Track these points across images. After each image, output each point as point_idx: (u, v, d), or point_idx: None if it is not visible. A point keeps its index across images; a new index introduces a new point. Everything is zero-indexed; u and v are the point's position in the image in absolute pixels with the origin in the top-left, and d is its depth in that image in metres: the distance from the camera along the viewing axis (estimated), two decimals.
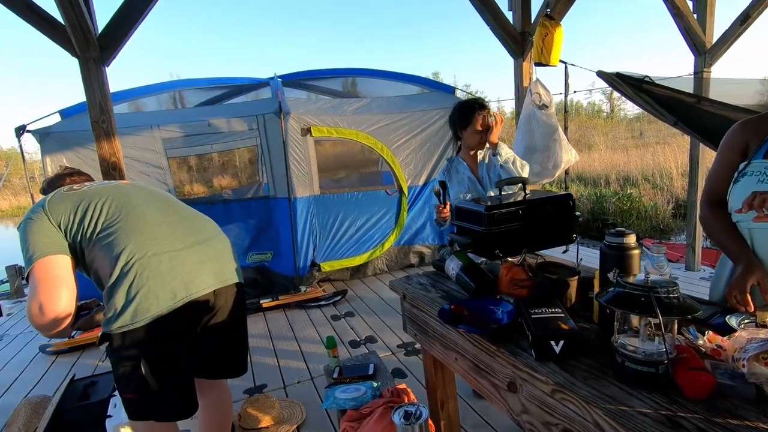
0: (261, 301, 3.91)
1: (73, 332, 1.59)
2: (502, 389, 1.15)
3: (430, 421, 1.26)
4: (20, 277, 5.44)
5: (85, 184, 1.52)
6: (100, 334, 1.34)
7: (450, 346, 1.40)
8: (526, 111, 3.05)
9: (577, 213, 1.63)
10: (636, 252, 1.11)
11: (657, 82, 2.68)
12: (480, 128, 2.10)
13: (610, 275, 1.02)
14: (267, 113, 3.91)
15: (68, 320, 1.32)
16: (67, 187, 1.48)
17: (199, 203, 4.75)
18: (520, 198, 1.62)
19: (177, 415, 1.42)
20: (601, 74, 2.80)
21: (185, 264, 1.38)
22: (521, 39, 3.36)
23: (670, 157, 11.14)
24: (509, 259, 1.54)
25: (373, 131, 4.33)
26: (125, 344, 1.30)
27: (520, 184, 1.69)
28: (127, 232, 1.36)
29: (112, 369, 1.37)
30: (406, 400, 1.49)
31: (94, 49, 2.03)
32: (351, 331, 3.42)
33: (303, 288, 4.17)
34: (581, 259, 1.39)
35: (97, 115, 2.10)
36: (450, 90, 4.64)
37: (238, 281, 1.55)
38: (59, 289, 1.29)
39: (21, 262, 6.75)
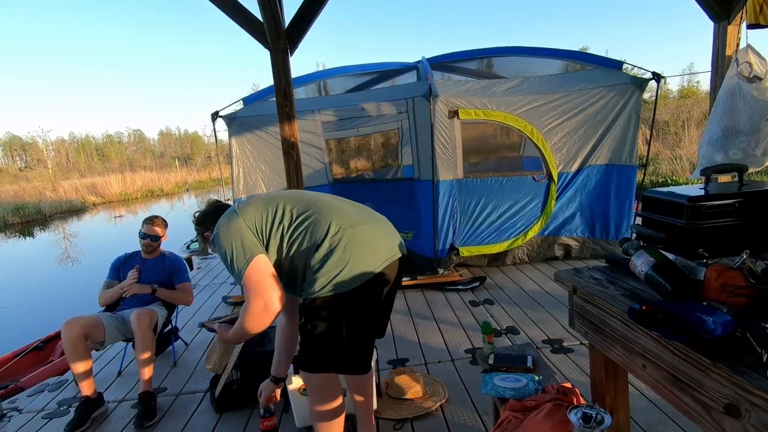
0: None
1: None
2: (716, 411, 0.98)
3: None
4: None
5: (261, 194, 1.70)
6: (305, 300, 1.50)
7: (635, 350, 1.25)
8: (728, 85, 2.50)
9: None
10: None
11: None
12: None
13: None
14: (416, 96, 3.97)
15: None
16: (248, 195, 1.68)
17: (350, 182, 5.13)
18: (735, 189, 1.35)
19: (361, 369, 1.59)
20: None
21: (381, 233, 1.54)
22: None
23: None
24: (709, 260, 1.30)
25: (524, 113, 4.08)
26: (334, 305, 1.45)
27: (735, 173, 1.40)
28: (327, 212, 1.51)
29: (309, 328, 1.51)
30: (574, 401, 1.39)
31: (282, 41, 2.31)
32: (491, 319, 3.34)
33: (440, 270, 4.21)
34: None
35: (282, 100, 2.39)
36: (616, 65, 4.11)
37: (405, 254, 1.65)
38: (276, 288, 1.42)
39: None
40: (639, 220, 4.56)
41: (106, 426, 2.40)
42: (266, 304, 1.40)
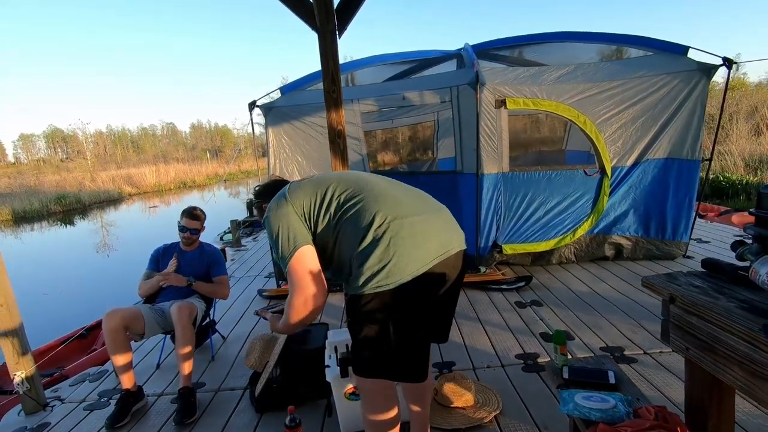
0: None
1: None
2: None
3: None
4: (240, 229, 6.61)
5: (313, 176, 1.59)
6: (348, 297, 1.39)
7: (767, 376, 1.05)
8: None
9: None
10: None
11: None
12: None
13: None
14: (461, 85, 3.76)
15: (319, 313, 1.43)
16: (300, 179, 1.58)
17: (389, 174, 4.96)
18: None
19: (414, 377, 1.43)
20: None
21: (434, 225, 1.39)
22: None
23: None
24: None
25: (576, 102, 3.81)
26: (377, 304, 1.31)
27: None
28: (374, 198, 1.39)
29: (354, 328, 1.40)
30: (679, 431, 1.19)
31: (332, 21, 2.17)
32: (540, 322, 3.14)
33: (482, 269, 4.01)
34: None
35: (329, 86, 2.25)
36: (681, 50, 3.77)
37: (466, 248, 1.48)
38: (317, 284, 1.37)
39: (240, 218, 8.22)
40: (688, 221, 4.14)
41: (146, 421, 2.35)
42: (306, 299, 1.36)
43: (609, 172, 3.94)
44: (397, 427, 1.51)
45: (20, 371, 2.46)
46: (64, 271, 9.33)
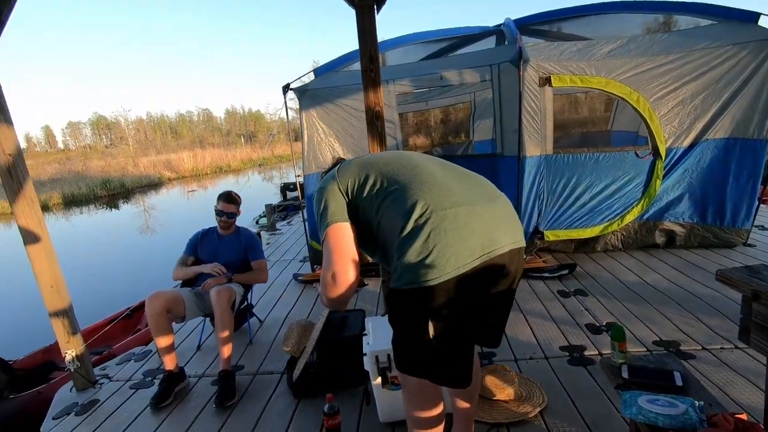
0: None
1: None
2: None
3: None
4: (275, 213, 6.67)
5: (364, 155, 1.55)
6: (389, 290, 1.31)
7: None
8: None
9: None
10: None
11: None
12: None
13: None
14: (502, 62, 3.55)
15: (353, 291, 1.35)
16: (352, 158, 1.54)
17: None
18: None
19: (456, 382, 1.33)
20: None
21: (482, 219, 1.24)
22: None
23: None
24: None
25: (628, 79, 3.53)
26: (415, 302, 1.22)
27: None
28: (418, 184, 1.29)
29: (392, 324, 1.33)
30: None
31: None
32: (585, 312, 2.98)
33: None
34: None
35: (367, 64, 2.16)
36: (752, 17, 3.40)
37: (524, 245, 1.35)
38: (350, 260, 1.32)
39: (275, 202, 8.33)
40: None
41: (188, 401, 2.40)
42: (334, 274, 1.30)
43: (663, 153, 3.66)
44: (442, 425, 1.43)
45: (71, 350, 2.56)
46: (110, 253, 9.79)
